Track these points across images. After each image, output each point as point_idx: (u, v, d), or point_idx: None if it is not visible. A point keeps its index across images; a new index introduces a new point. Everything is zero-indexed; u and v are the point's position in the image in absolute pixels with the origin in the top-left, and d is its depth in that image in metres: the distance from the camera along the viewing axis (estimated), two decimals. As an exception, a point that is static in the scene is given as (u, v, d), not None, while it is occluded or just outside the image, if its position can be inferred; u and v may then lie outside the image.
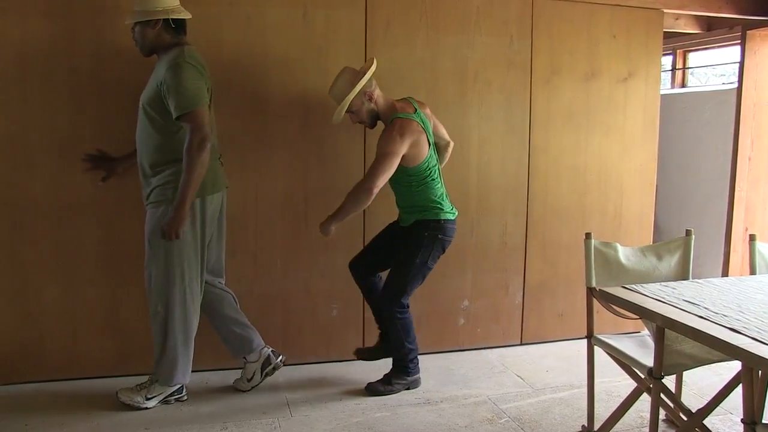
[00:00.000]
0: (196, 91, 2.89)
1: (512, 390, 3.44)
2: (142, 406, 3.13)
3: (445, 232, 3.31)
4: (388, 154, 3.11)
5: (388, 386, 3.38)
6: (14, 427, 2.96)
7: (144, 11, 2.92)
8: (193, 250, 3.06)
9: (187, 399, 3.25)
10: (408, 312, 3.37)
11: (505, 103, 3.89)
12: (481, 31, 3.78)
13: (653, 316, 2.21)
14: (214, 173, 3.11)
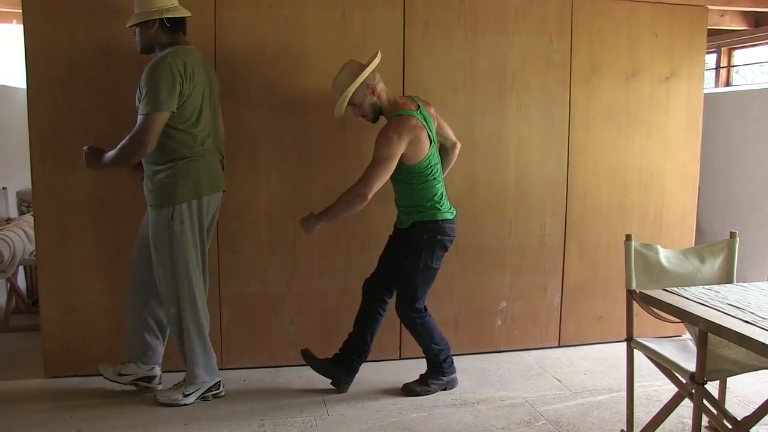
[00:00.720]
0: (160, 94, 2.87)
1: (550, 392, 3.40)
2: (181, 402, 3.19)
3: (444, 232, 3.25)
4: (384, 159, 3.05)
5: (425, 387, 3.37)
6: (59, 419, 3.05)
7: (141, 13, 2.96)
8: (194, 250, 3.10)
9: (225, 395, 3.29)
10: (426, 315, 3.34)
11: (544, 102, 3.85)
12: (519, 31, 3.75)
13: (696, 320, 2.17)
14: (213, 174, 3.13)
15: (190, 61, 2.98)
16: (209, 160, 3.11)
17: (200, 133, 3.06)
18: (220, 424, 3.02)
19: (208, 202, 3.12)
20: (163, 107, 2.88)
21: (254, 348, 3.64)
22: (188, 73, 2.95)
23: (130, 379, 3.26)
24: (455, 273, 3.82)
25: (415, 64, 3.63)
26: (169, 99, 2.90)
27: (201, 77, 3.04)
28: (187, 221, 3.05)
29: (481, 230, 3.84)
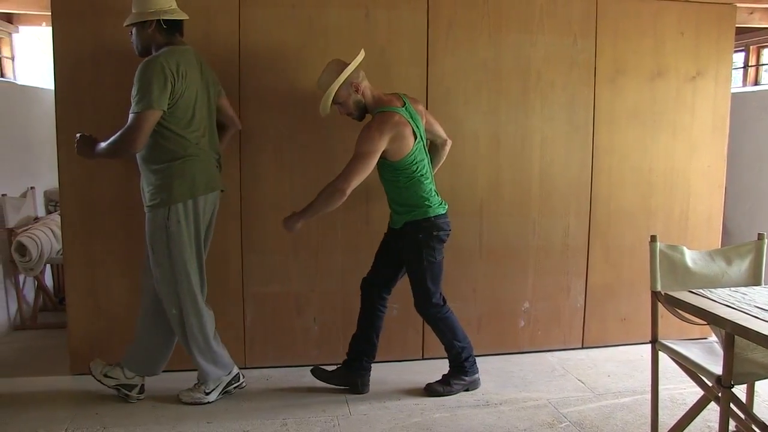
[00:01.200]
0: (151, 93, 2.87)
1: (573, 394, 3.38)
2: (204, 401, 3.21)
3: (439, 227, 3.22)
4: (364, 154, 3.02)
5: (447, 387, 3.37)
6: (85, 414, 3.09)
7: (138, 13, 2.98)
8: (190, 249, 3.10)
9: (248, 393, 3.31)
10: (447, 309, 3.33)
11: (568, 103, 3.83)
12: (544, 31, 3.73)
13: (723, 323, 2.14)
14: (209, 174, 3.14)
15: (183, 60, 2.98)
16: (205, 159, 3.12)
17: (194, 132, 3.05)
18: (243, 422, 3.04)
19: (204, 202, 3.12)
20: (154, 105, 2.89)
21: (277, 347, 3.66)
22: (181, 73, 2.95)
23: (113, 383, 3.25)
24: (478, 274, 3.82)
25: (439, 64, 3.62)
26: (161, 98, 2.90)
27: (195, 77, 3.05)
28: (183, 221, 3.05)
29: (505, 231, 3.83)
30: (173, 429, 2.97)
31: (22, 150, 4.70)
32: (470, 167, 3.74)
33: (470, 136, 3.72)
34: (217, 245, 3.53)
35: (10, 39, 5.49)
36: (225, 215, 3.52)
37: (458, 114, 3.69)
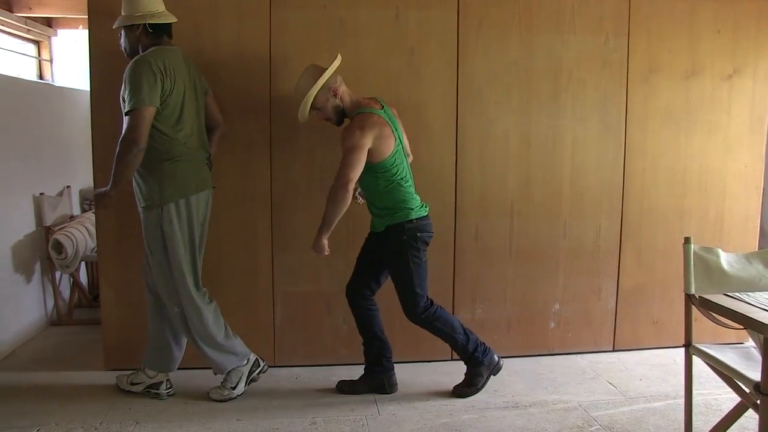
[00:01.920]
0: (140, 91, 2.89)
1: (604, 397, 3.34)
2: (233, 395, 3.25)
3: (422, 229, 3.19)
4: (353, 148, 2.99)
5: (472, 388, 3.34)
6: (118, 410, 3.15)
7: (126, 17, 3.01)
8: (185, 249, 3.12)
9: (279, 391, 3.34)
10: (435, 307, 3.28)
11: (599, 102, 3.78)
12: (575, 30, 3.70)
13: (762, 328, 2.09)
14: (199, 173, 3.15)
15: (169, 59, 3.01)
16: (195, 159, 3.13)
17: (182, 132, 3.06)
18: (272, 420, 3.06)
19: (197, 201, 3.14)
20: (146, 101, 2.91)
21: (307, 346, 3.69)
22: (168, 71, 2.98)
23: (141, 387, 3.31)
24: (508, 274, 3.80)
25: (469, 64, 3.61)
26: (152, 94, 2.92)
27: (182, 76, 3.07)
28: (176, 221, 3.07)
29: (535, 231, 3.80)
30: (204, 426, 3.01)
31: (59, 150, 4.80)
32: (501, 167, 3.72)
33: (501, 136, 3.70)
34: (247, 245, 3.58)
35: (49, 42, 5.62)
36: (255, 215, 3.57)
37: (489, 114, 3.67)
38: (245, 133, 3.50)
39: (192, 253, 3.17)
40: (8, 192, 4.07)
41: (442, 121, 3.63)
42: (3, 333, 3.91)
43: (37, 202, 4.42)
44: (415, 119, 3.59)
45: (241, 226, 3.58)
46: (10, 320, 4.00)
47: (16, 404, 3.20)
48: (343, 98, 3.16)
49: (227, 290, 3.58)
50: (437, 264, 3.69)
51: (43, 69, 5.62)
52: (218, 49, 3.43)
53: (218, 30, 3.43)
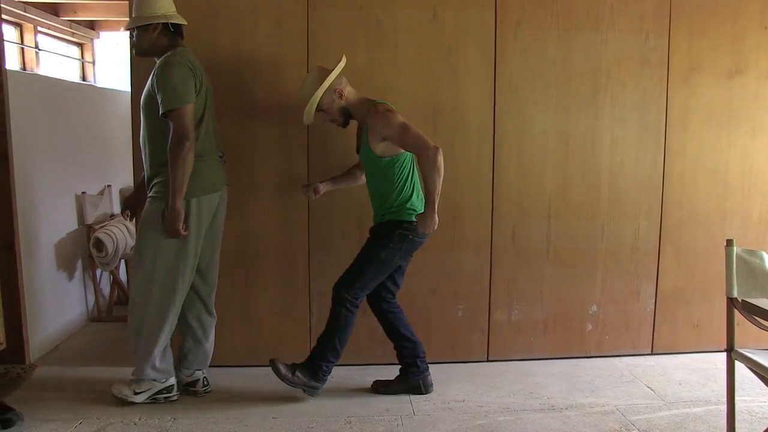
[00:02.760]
0: (180, 89, 2.94)
1: (642, 401, 3.29)
2: (130, 399, 3.18)
3: (417, 234, 3.14)
4: (403, 124, 3.00)
5: (289, 375, 3.20)
6: (156, 406, 3.20)
7: (143, 16, 3.02)
8: (179, 249, 3.09)
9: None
10: (357, 310, 3.22)
11: (639, 102, 3.73)
12: (614, 28, 3.65)
13: (808, 333, 2.04)
14: (213, 175, 3.14)
15: (194, 60, 3.06)
16: (209, 160, 3.14)
17: (201, 131, 3.08)
18: (308, 419, 3.08)
19: (209, 202, 3.14)
20: (188, 98, 2.95)
21: (342, 345, 3.70)
22: (196, 71, 3.03)
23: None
24: (545, 276, 3.77)
25: (507, 63, 3.59)
26: (190, 92, 2.97)
27: (204, 76, 3.11)
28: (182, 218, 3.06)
29: (573, 232, 3.76)
30: (240, 423, 3.04)
31: (100, 149, 4.89)
32: (538, 168, 3.70)
33: (539, 136, 3.68)
34: (284, 245, 3.61)
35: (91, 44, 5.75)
36: (292, 215, 3.60)
37: (527, 114, 3.65)
38: (283, 133, 3.52)
39: (194, 255, 3.13)
40: (52, 191, 4.17)
41: (479, 121, 3.62)
42: (47, 328, 4.01)
43: (79, 200, 4.52)
44: (452, 119, 3.59)
45: (278, 227, 3.62)
46: (53, 316, 4.10)
47: (60, 397, 3.28)
48: (349, 99, 3.17)
49: (264, 290, 3.63)
50: (474, 264, 3.69)
51: (86, 70, 5.75)
52: (256, 50, 3.47)
53: (256, 31, 3.47)
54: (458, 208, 3.66)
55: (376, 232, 3.24)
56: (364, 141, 3.14)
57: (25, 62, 4.80)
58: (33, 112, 3.91)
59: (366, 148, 3.13)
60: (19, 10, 4.52)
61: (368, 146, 3.11)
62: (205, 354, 3.35)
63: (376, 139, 3.08)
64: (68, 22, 5.22)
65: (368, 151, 3.13)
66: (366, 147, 3.13)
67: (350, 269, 3.22)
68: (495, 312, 3.75)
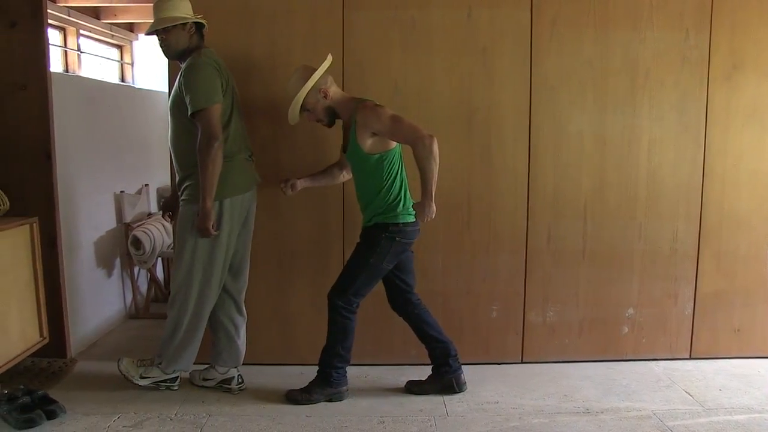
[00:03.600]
0: (208, 90, 2.97)
1: (680, 407, 3.23)
2: (134, 381, 3.29)
3: (405, 235, 3.14)
4: (393, 116, 3.00)
5: (306, 395, 3.23)
6: (192, 401, 3.25)
7: (180, 17, 3.05)
8: (213, 248, 3.14)
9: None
10: (354, 315, 3.21)
11: (678, 102, 3.66)
12: (653, 26, 3.59)
13: None
14: (243, 175, 3.17)
15: (219, 61, 3.11)
16: (239, 160, 3.17)
17: (229, 132, 3.11)
18: (342, 418, 3.09)
19: (241, 203, 3.18)
20: (215, 99, 2.99)
21: (376, 345, 3.70)
22: (222, 71, 3.07)
23: (213, 383, 3.38)
24: (580, 277, 3.73)
25: (543, 63, 3.56)
26: (218, 92, 3.01)
27: (230, 77, 3.14)
28: (215, 220, 3.10)
29: (609, 234, 3.71)
30: (274, 420, 3.06)
31: (138, 149, 4.98)
32: (574, 168, 3.65)
33: (575, 136, 3.64)
34: (319, 243, 3.63)
35: (130, 46, 5.85)
36: (327, 214, 3.62)
37: (563, 114, 3.61)
38: (317, 131, 3.53)
39: (226, 254, 3.19)
40: (93, 189, 4.26)
41: (514, 121, 3.59)
42: (86, 324, 4.09)
43: (118, 199, 4.60)
44: (487, 119, 3.57)
45: (312, 225, 3.64)
46: (92, 312, 4.19)
47: (99, 391, 3.34)
48: (335, 99, 3.15)
49: (299, 288, 3.66)
50: (509, 265, 3.67)
51: (125, 72, 5.85)
52: (292, 50, 3.49)
53: (292, 32, 3.49)
54: (493, 208, 3.63)
55: (364, 237, 3.22)
56: (352, 139, 3.11)
57: (68, 64, 4.91)
58: (74, 113, 4.00)
59: (354, 146, 3.10)
60: (63, 15, 4.63)
61: (356, 143, 3.08)
62: (238, 351, 3.39)
63: (365, 135, 3.06)
64: (108, 25, 5.33)
65: (356, 149, 3.10)
66: (354, 144, 3.10)
67: (341, 276, 3.23)
68: (529, 313, 3.72)
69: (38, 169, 3.56)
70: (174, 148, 3.20)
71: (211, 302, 3.25)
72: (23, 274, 2.96)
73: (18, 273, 2.92)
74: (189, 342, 3.27)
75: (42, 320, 3.07)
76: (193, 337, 3.27)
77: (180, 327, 3.24)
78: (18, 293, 2.92)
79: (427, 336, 3.33)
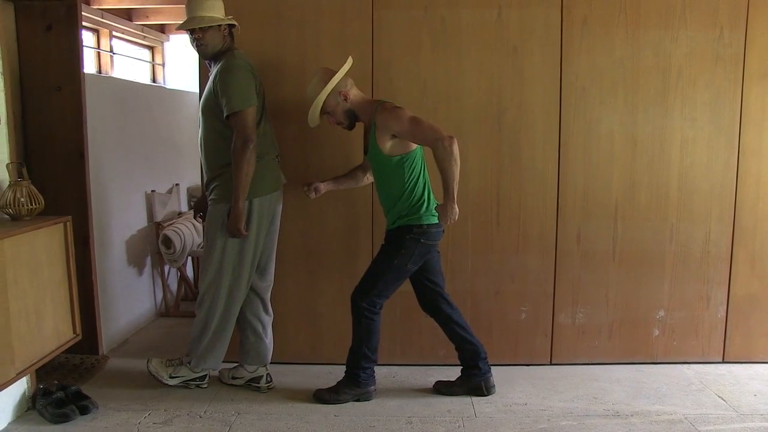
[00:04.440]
0: (244, 92, 3.01)
1: (712, 412, 3.17)
2: (164, 381, 3.35)
3: (429, 237, 3.13)
4: (413, 117, 3.00)
5: (334, 395, 3.24)
6: (221, 400, 3.28)
7: (217, 17, 3.09)
8: (242, 248, 3.18)
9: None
10: (378, 316, 3.21)
11: (711, 102, 3.60)
12: (686, 25, 3.54)
13: None
14: (270, 175, 3.19)
15: (251, 63, 3.13)
16: (267, 160, 3.19)
17: (260, 133, 3.12)
18: (370, 418, 3.10)
19: (269, 202, 3.20)
20: (252, 101, 3.03)
21: (404, 345, 3.71)
22: (254, 73, 3.10)
23: (242, 381, 3.42)
24: (611, 279, 3.69)
25: (573, 63, 3.53)
26: (254, 94, 3.05)
27: (259, 79, 3.16)
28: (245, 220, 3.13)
29: (640, 235, 3.67)
30: (302, 420, 3.08)
31: (169, 149, 5.04)
32: (605, 169, 3.62)
33: (605, 137, 3.60)
34: (348, 243, 3.65)
35: (161, 47, 5.92)
36: (356, 214, 3.63)
37: (593, 114, 3.58)
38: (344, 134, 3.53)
39: (254, 254, 3.23)
40: (125, 189, 4.32)
41: (544, 120, 3.57)
42: (117, 322, 4.15)
43: (149, 198, 4.66)
44: (517, 119, 3.55)
45: (342, 226, 3.65)
46: (123, 310, 4.25)
47: (130, 388, 3.40)
48: (354, 101, 3.15)
49: (328, 288, 3.67)
50: (538, 266, 3.65)
51: (156, 72, 5.93)
52: (321, 50, 3.51)
53: (321, 32, 3.51)
54: (523, 209, 3.61)
55: (389, 239, 3.23)
56: (372, 141, 3.11)
57: (101, 65, 4.99)
58: (107, 113, 4.06)
59: (375, 148, 3.10)
60: (97, 17, 4.70)
61: (377, 146, 3.09)
62: (266, 350, 3.42)
63: (386, 137, 3.06)
64: (140, 27, 5.40)
65: (377, 151, 3.10)
66: (374, 147, 3.10)
67: (365, 278, 3.24)
68: (559, 315, 3.69)
69: (72, 169, 3.63)
70: (204, 148, 3.24)
71: (239, 302, 3.28)
72: (57, 271, 3.01)
73: (52, 271, 2.97)
74: (217, 341, 3.30)
75: (75, 317, 3.12)
76: (221, 336, 3.30)
77: (209, 326, 3.28)
78: (52, 291, 2.97)
79: (458, 336, 3.32)
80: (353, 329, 3.26)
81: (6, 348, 2.64)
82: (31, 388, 3.12)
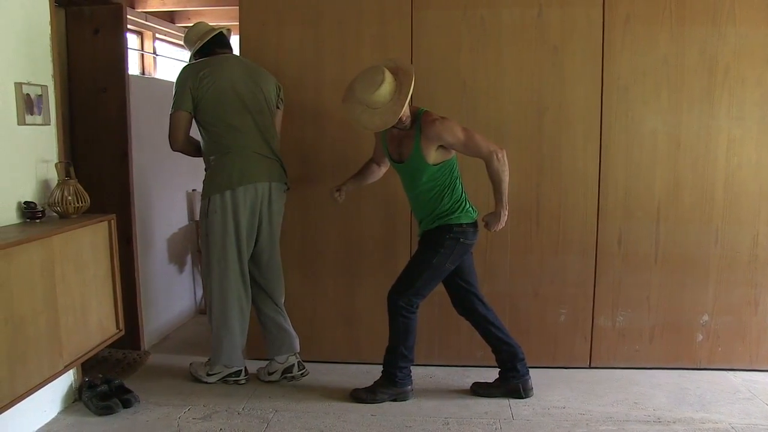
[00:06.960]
0: (176, 97, 3.27)
1: (762, 422, 3.06)
2: (203, 380, 3.45)
3: (467, 236, 3.14)
4: (465, 129, 3.03)
5: (371, 395, 3.23)
6: (259, 397, 3.30)
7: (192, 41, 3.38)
8: (224, 239, 3.29)
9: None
10: (415, 315, 3.19)
11: (761, 100, 3.50)
12: (735, 21, 3.44)
13: None
14: (244, 167, 3.26)
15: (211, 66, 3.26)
16: (244, 155, 3.27)
17: (221, 128, 3.26)
18: (406, 418, 3.09)
19: (243, 194, 3.26)
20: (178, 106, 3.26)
21: (442, 346, 3.70)
22: (200, 78, 3.22)
23: (277, 375, 3.47)
24: (653, 282, 3.61)
25: (615, 62, 3.47)
26: (183, 101, 3.26)
27: (222, 79, 3.23)
28: (220, 212, 3.26)
29: (683, 237, 3.58)
30: (339, 419, 3.09)
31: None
32: (647, 169, 3.55)
33: (648, 136, 3.53)
34: (386, 244, 3.66)
35: (202, 48, 5.98)
36: (394, 215, 3.64)
37: (636, 114, 3.52)
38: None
39: (238, 245, 3.32)
40: (167, 188, 4.40)
41: (585, 120, 3.52)
42: (158, 319, 4.23)
43: (190, 197, 4.73)
44: (557, 119, 3.51)
45: (380, 226, 3.67)
46: (164, 307, 4.32)
47: (170, 383, 3.46)
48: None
49: (367, 289, 3.68)
50: (578, 268, 3.60)
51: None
52: (361, 51, 3.53)
53: (361, 32, 3.52)
54: (563, 209, 3.57)
55: (427, 239, 3.21)
56: (416, 149, 3.07)
57: (144, 67, 5.08)
58: (149, 114, 4.12)
59: (418, 156, 3.08)
60: (141, 20, 4.80)
61: (421, 154, 3.07)
62: (291, 338, 3.48)
63: (433, 146, 3.05)
64: (182, 29, 5.48)
65: (420, 159, 3.08)
66: (418, 155, 3.07)
67: (402, 276, 3.23)
68: (599, 318, 3.63)
69: (116, 168, 3.72)
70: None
71: (233, 293, 3.36)
72: (101, 268, 3.07)
73: (97, 268, 3.04)
74: (223, 335, 3.39)
75: (118, 313, 3.18)
76: (224, 331, 3.39)
77: (213, 319, 3.41)
78: (96, 287, 3.04)
79: (494, 337, 3.30)
80: (390, 328, 3.26)
81: (55, 341, 2.71)
82: (77, 381, 3.20)
